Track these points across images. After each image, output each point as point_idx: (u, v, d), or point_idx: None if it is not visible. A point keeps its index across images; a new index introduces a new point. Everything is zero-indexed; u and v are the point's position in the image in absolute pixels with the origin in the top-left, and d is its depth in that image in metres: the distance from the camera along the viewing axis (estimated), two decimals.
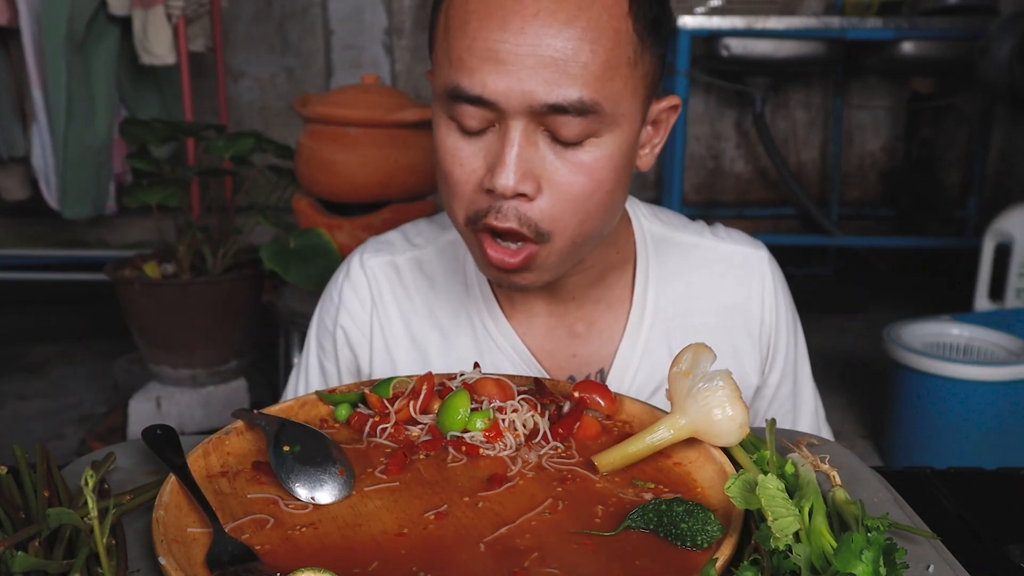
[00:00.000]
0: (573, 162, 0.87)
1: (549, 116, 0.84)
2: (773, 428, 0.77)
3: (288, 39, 4.46)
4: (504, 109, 0.85)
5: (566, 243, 0.91)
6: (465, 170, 0.89)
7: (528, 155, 0.86)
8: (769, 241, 1.20)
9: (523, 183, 0.86)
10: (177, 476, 0.74)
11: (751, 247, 1.13)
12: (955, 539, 0.73)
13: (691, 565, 0.65)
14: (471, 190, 0.90)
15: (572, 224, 0.90)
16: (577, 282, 1.05)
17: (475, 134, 0.88)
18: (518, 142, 0.85)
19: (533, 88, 0.83)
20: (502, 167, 0.85)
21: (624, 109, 0.88)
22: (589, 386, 0.90)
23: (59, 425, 3.11)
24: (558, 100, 0.83)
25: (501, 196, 0.87)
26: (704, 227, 1.15)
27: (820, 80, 4.64)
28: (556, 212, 0.88)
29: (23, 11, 3.18)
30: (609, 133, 0.87)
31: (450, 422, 0.85)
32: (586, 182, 0.88)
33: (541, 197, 0.88)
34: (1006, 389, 2.55)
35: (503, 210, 0.88)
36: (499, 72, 0.83)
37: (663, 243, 1.11)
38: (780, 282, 1.13)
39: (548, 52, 0.82)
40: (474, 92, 0.85)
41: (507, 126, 0.86)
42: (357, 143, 2.48)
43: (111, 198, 3.54)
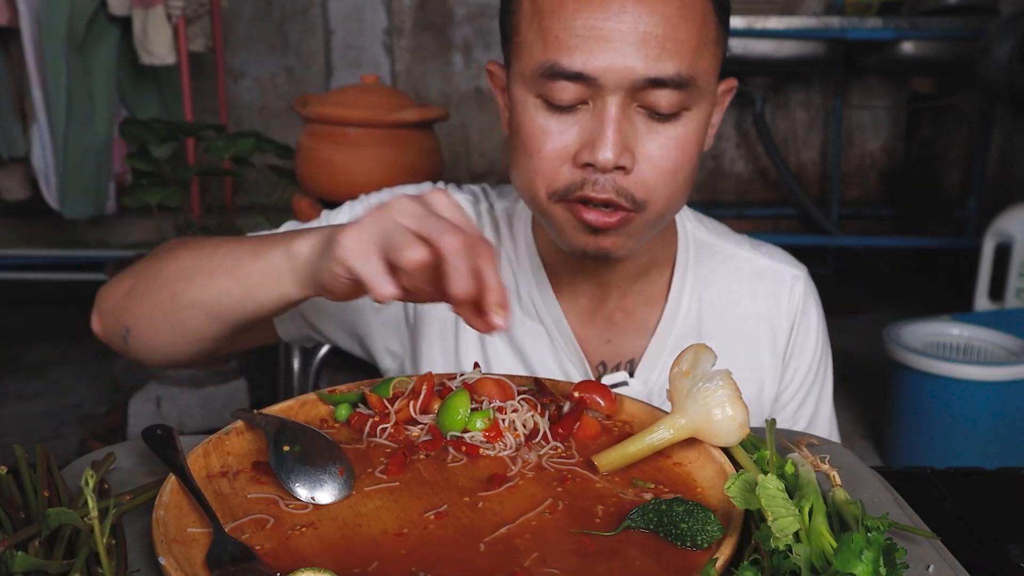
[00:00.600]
0: (667, 135, 0.91)
1: (646, 91, 0.89)
2: (773, 428, 0.77)
3: (288, 39, 4.46)
4: (603, 85, 0.88)
5: (655, 214, 0.95)
6: (556, 144, 0.92)
7: (625, 130, 0.90)
8: (769, 241, 1.21)
9: (622, 157, 0.90)
10: (177, 476, 0.74)
11: (787, 265, 1.16)
12: (955, 539, 0.73)
13: (691, 565, 0.65)
14: (560, 165, 0.92)
15: (664, 195, 0.93)
16: (624, 270, 1.07)
17: (566, 112, 0.92)
18: (616, 117, 0.89)
19: (635, 63, 0.87)
20: (603, 141, 0.89)
21: (710, 85, 0.93)
22: (589, 386, 0.90)
23: (59, 425, 3.11)
24: (659, 74, 0.88)
25: (601, 170, 0.90)
26: (746, 240, 1.17)
27: (820, 80, 4.64)
28: (651, 183, 0.92)
29: (23, 11, 3.18)
30: (696, 108, 0.92)
31: (450, 422, 0.85)
32: (678, 155, 0.92)
33: (637, 169, 0.91)
34: (1006, 389, 2.55)
35: (600, 182, 0.91)
36: (601, 49, 0.87)
37: (704, 248, 1.14)
38: (812, 304, 1.15)
39: (648, 28, 0.87)
40: (574, 68, 0.88)
41: (604, 102, 0.89)
42: (357, 143, 2.48)
43: (111, 198, 3.54)
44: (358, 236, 0.73)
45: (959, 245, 4.21)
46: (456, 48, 4.55)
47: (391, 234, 0.72)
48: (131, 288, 0.96)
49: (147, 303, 0.93)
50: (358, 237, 0.73)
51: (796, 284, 1.14)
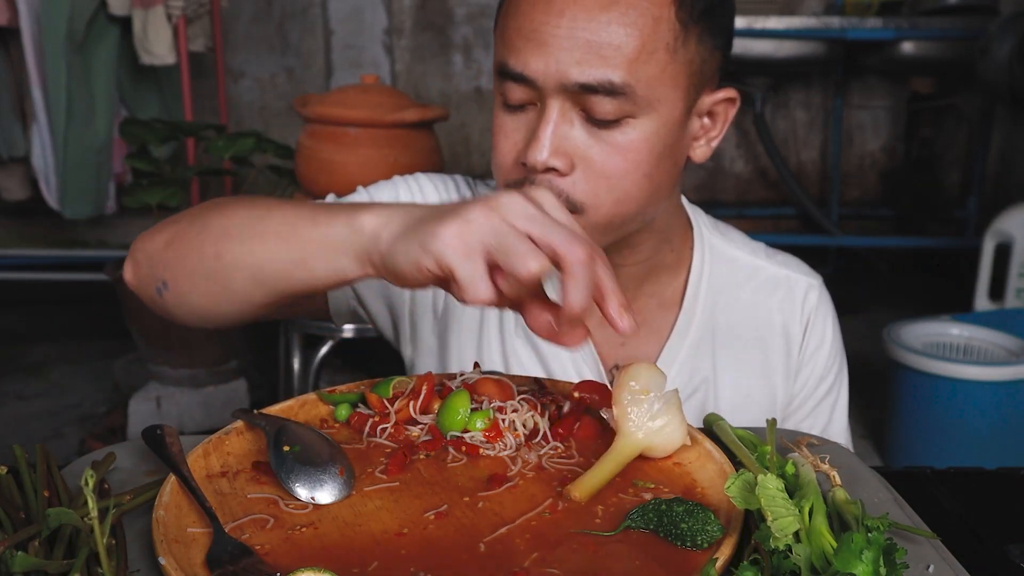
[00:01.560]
0: (607, 141, 0.90)
1: (583, 96, 0.88)
2: (773, 428, 0.77)
3: (288, 39, 4.46)
4: (542, 87, 0.89)
5: (602, 219, 0.93)
6: (508, 142, 0.94)
7: (563, 132, 0.90)
8: (769, 241, 1.21)
9: (555, 158, 0.89)
10: (177, 476, 0.74)
11: (801, 274, 1.16)
12: (955, 539, 0.73)
13: (691, 565, 0.65)
14: (511, 162, 0.94)
15: (607, 202, 0.92)
16: (630, 273, 1.07)
17: (518, 110, 0.93)
18: (553, 119, 0.89)
19: (567, 68, 0.87)
20: (536, 142, 0.90)
21: (660, 95, 0.90)
22: (589, 386, 0.90)
23: (59, 425, 3.11)
24: (588, 80, 0.87)
25: (533, 170, 0.91)
26: (761, 248, 1.17)
27: (820, 80, 4.64)
28: (589, 187, 0.91)
29: (23, 11, 3.18)
30: (645, 116, 0.90)
31: (450, 422, 0.85)
32: (620, 162, 0.91)
33: (575, 173, 0.91)
34: (1006, 389, 2.55)
35: (536, 181, 0.91)
36: (539, 52, 0.88)
37: (720, 256, 1.13)
38: (825, 313, 1.15)
39: (584, 34, 0.86)
40: (517, 70, 0.90)
41: (545, 104, 0.90)
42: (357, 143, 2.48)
43: (111, 198, 3.54)
44: (463, 232, 0.67)
45: (959, 245, 4.21)
46: (456, 48, 4.55)
47: (505, 237, 0.67)
48: (173, 238, 0.88)
49: (190, 258, 0.85)
50: (463, 233, 0.67)
51: (810, 293, 1.14)
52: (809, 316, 1.14)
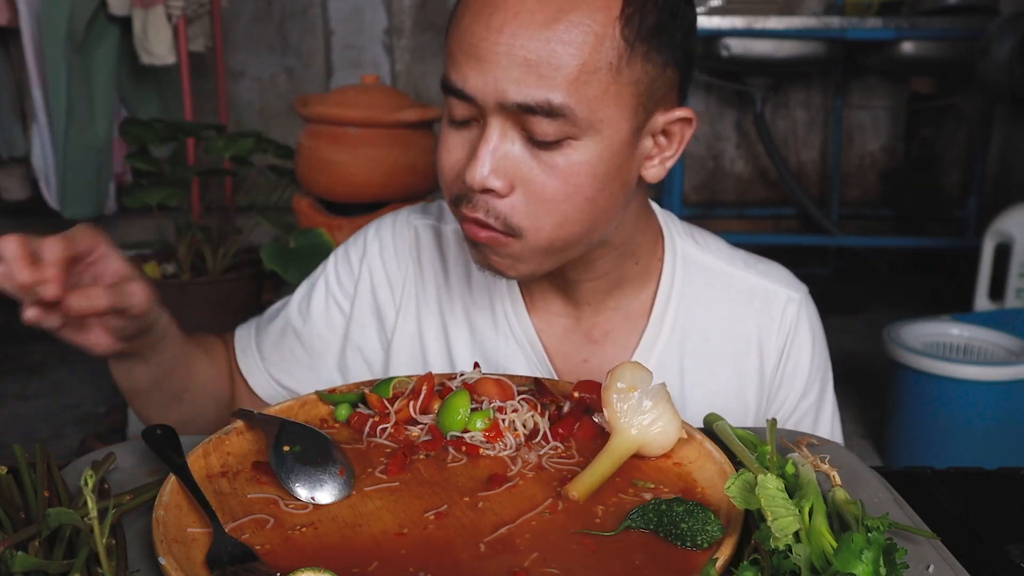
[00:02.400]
0: (547, 163, 0.87)
1: (523, 116, 0.85)
2: (773, 428, 0.77)
3: (288, 39, 4.46)
4: (481, 105, 0.86)
5: (542, 243, 0.90)
6: (451, 158, 0.91)
7: (503, 152, 0.87)
8: (769, 241, 1.20)
9: (493, 179, 0.87)
10: (177, 476, 0.74)
11: (781, 286, 1.10)
12: (955, 539, 0.73)
13: (691, 565, 0.65)
14: (452, 177, 0.91)
15: (547, 225, 0.89)
16: (591, 288, 1.04)
17: (462, 126, 0.90)
18: (494, 139, 0.87)
19: (505, 87, 0.84)
20: (475, 161, 0.87)
21: (603, 115, 0.86)
22: (589, 386, 0.90)
23: (59, 425, 3.11)
24: (526, 100, 0.84)
25: (471, 189, 0.88)
26: (740, 257, 1.12)
27: (820, 80, 4.64)
28: (528, 211, 0.88)
29: (23, 11, 3.18)
30: (588, 138, 0.86)
31: (450, 422, 0.85)
32: (559, 185, 0.87)
33: (514, 195, 0.88)
34: (1006, 389, 2.55)
35: (474, 200, 0.89)
36: (478, 68, 0.85)
37: (692, 265, 1.09)
38: (806, 329, 1.10)
39: (522, 52, 0.83)
40: (457, 86, 0.87)
41: (486, 122, 0.87)
42: (357, 143, 2.49)
43: (111, 198, 3.54)
44: None
45: (959, 245, 4.21)
46: None
47: None
48: None
49: None
50: None
51: (789, 306, 1.09)
52: (788, 332, 1.09)
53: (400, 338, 1.11)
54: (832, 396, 1.14)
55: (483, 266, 0.95)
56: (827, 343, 1.15)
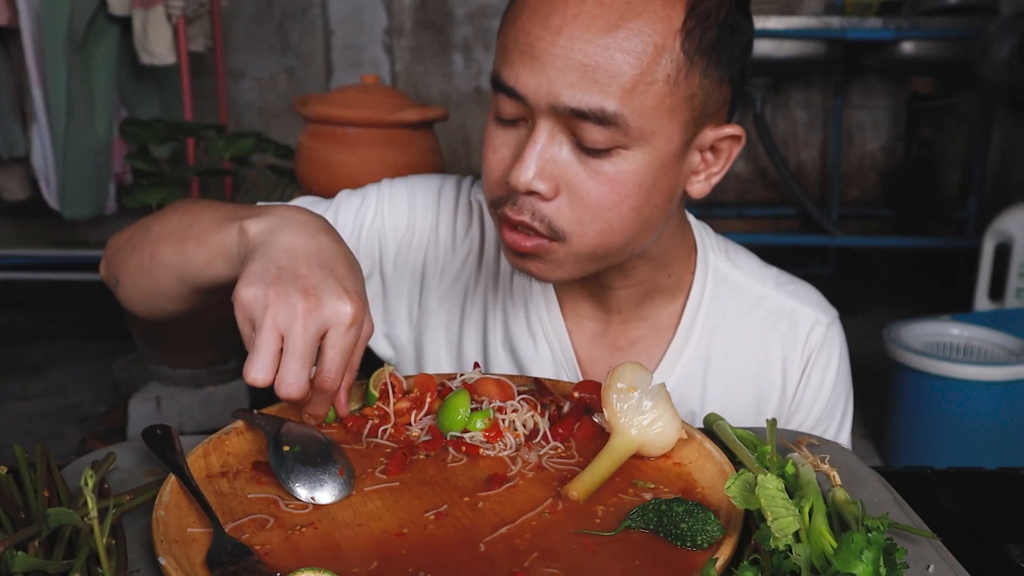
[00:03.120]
0: (595, 170, 0.86)
1: (573, 120, 0.84)
2: (773, 428, 0.77)
3: (288, 39, 4.46)
4: (533, 105, 0.85)
5: (585, 248, 0.89)
6: (496, 157, 0.90)
7: (550, 155, 0.86)
8: (769, 241, 1.19)
9: (538, 181, 0.85)
10: (177, 476, 0.74)
11: (809, 308, 1.09)
12: (955, 539, 0.73)
13: (691, 565, 0.65)
14: (496, 178, 0.90)
15: (591, 232, 0.88)
16: (623, 296, 1.04)
17: (510, 125, 0.89)
18: (542, 141, 0.85)
19: (559, 90, 0.82)
20: (520, 162, 0.85)
21: (656, 127, 0.85)
22: (589, 386, 0.90)
23: (59, 425, 3.11)
24: (579, 105, 0.82)
25: (515, 191, 0.87)
26: (772, 277, 1.10)
27: (820, 80, 4.64)
28: (573, 216, 0.87)
29: (23, 11, 3.18)
30: (638, 148, 0.85)
31: (450, 422, 0.85)
32: (606, 192, 0.86)
33: (559, 199, 0.87)
34: (1006, 389, 2.55)
35: (518, 203, 0.88)
36: (533, 68, 0.84)
37: (724, 281, 1.08)
38: (828, 355, 1.08)
39: (579, 56, 0.81)
40: (509, 84, 0.86)
41: (536, 123, 0.86)
42: (357, 143, 2.49)
43: (111, 198, 3.54)
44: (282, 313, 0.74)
45: (959, 245, 4.21)
46: (456, 48, 4.55)
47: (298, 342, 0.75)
48: (127, 240, 0.99)
49: (133, 258, 0.96)
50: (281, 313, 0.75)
51: (815, 330, 1.07)
52: (810, 355, 1.07)
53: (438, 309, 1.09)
54: (848, 429, 1.13)
55: (520, 269, 0.94)
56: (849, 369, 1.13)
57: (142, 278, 0.96)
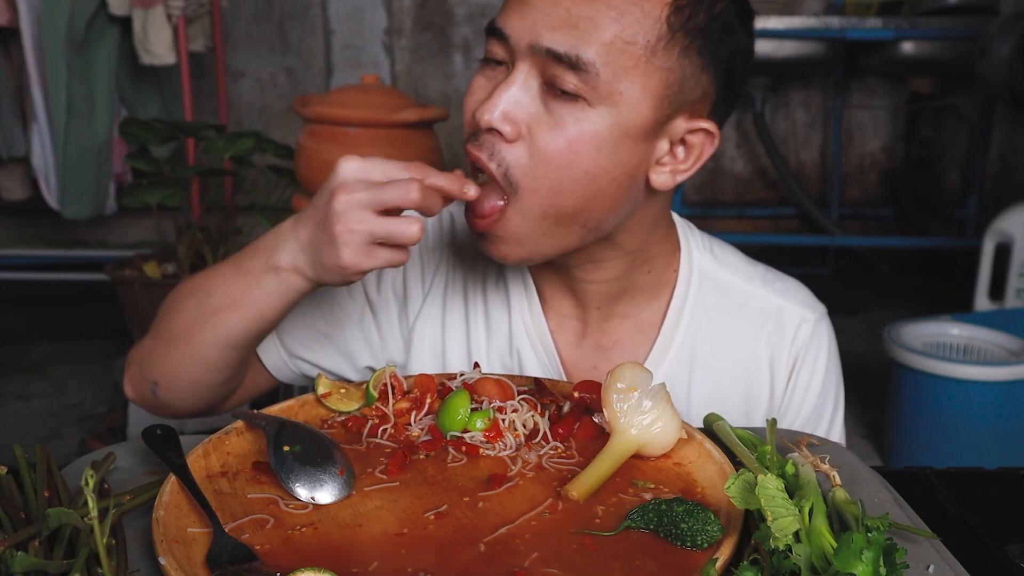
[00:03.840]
0: (557, 122, 0.87)
1: (549, 63, 0.86)
2: (773, 428, 0.77)
3: (288, 39, 4.47)
4: (514, 47, 0.88)
5: (535, 207, 0.90)
6: (472, 98, 0.93)
7: (518, 98, 0.88)
8: (769, 241, 1.19)
9: (503, 121, 0.88)
10: (177, 476, 0.74)
11: (796, 305, 1.08)
12: (955, 539, 0.73)
13: (691, 565, 0.65)
14: (470, 116, 0.93)
15: (542, 187, 0.89)
16: (598, 291, 1.03)
17: (492, 69, 0.92)
18: (516, 82, 0.88)
19: (540, 30, 0.86)
20: (490, 99, 0.89)
21: (624, 90, 0.86)
22: (589, 386, 0.90)
23: (59, 425, 3.11)
24: (556, 47, 0.85)
25: (479, 126, 0.90)
26: (758, 274, 1.10)
27: (820, 80, 4.64)
28: (527, 165, 0.89)
29: (23, 11, 3.18)
30: (603, 107, 0.87)
31: (450, 422, 0.85)
32: (563, 146, 0.87)
33: (518, 145, 0.89)
34: (1006, 389, 2.55)
35: (480, 139, 0.91)
36: (521, 11, 0.88)
37: (708, 280, 1.07)
38: (816, 352, 1.07)
39: (567, 3, 0.85)
40: (497, 25, 0.90)
41: (514, 66, 0.89)
42: (357, 143, 2.48)
43: (111, 198, 3.54)
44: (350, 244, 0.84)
45: (959, 245, 4.21)
46: (456, 48, 4.55)
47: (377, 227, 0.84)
48: (149, 349, 1.04)
49: (168, 357, 1.01)
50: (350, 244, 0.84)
51: (802, 327, 1.06)
52: (798, 353, 1.06)
53: (423, 326, 1.09)
54: (841, 426, 1.11)
55: (483, 250, 0.96)
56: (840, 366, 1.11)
57: (183, 368, 1.00)
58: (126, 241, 4.42)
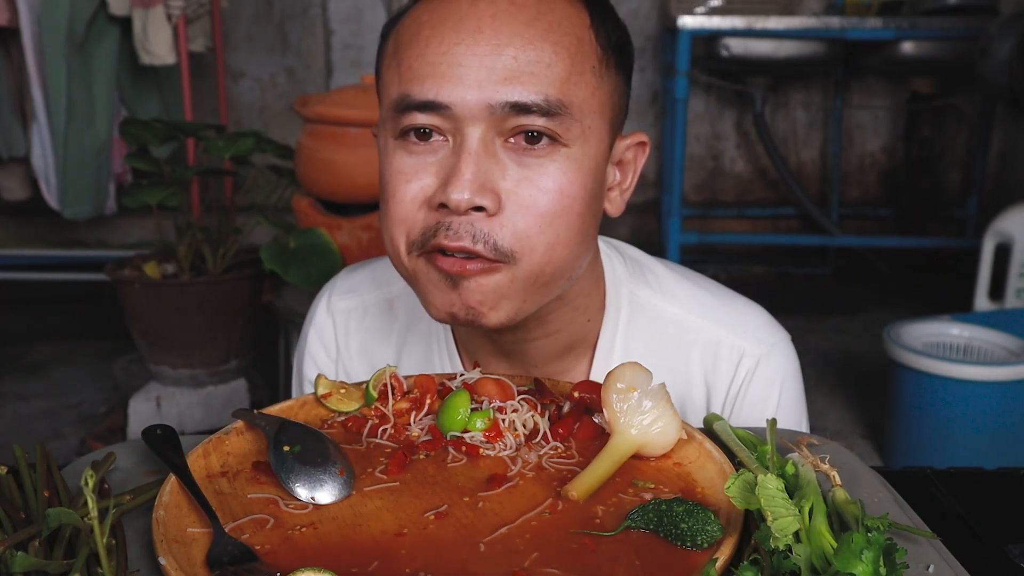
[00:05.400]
0: (540, 173, 0.81)
1: (510, 120, 0.80)
2: (773, 428, 0.77)
3: (288, 39, 4.47)
4: (459, 115, 0.80)
5: (533, 268, 0.83)
6: (412, 187, 0.82)
7: (487, 166, 0.80)
8: (769, 241, 1.17)
9: (481, 195, 0.79)
10: (177, 476, 0.74)
11: (739, 337, 0.99)
12: (955, 539, 0.73)
13: (691, 565, 0.65)
14: (416, 208, 0.83)
15: (540, 246, 0.82)
16: (541, 348, 0.96)
17: (423, 151, 0.82)
18: (475, 150, 0.80)
19: (494, 87, 0.79)
20: (456, 177, 0.79)
21: (592, 122, 0.83)
22: (589, 386, 0.90)
23: (59, 425, 3.11)
24: (520, 99, 0.79)
25: (455, 211, 0.79)
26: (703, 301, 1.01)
27: (820, 80, 4.64)
28: (521, 229, 0.81)
29: (23, 11, 3.19)
30: (578, 147, 0.82)
31: (450, 422, 0.85)
32: (555, 198, 0.81)
33: (503, 213, 0.81)
34: (1006, 389, 2.55)
35: (455, 227, 0.80)
36: (454, 76, 0.79)
37: (640, 311, 0.99)
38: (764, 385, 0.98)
39: (509, 51, 0.79)
40: (426, 97, 0.80)
41: (463, 135, 0.80)
42: (357, 143, 2.48)
43: (111, 198, 3.55)
44: None
45: (959, 245, 4.21)
46: None
47: None
48: None
49: None
50: None
51: (744, 362, 0.97)
52: (739, 390, 0.98)
53: None
54: None
55: (456, 312, 0.84)
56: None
57: None
58: (126, 241, 4.42)
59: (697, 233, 4.33)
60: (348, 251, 2.54)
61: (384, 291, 1.09)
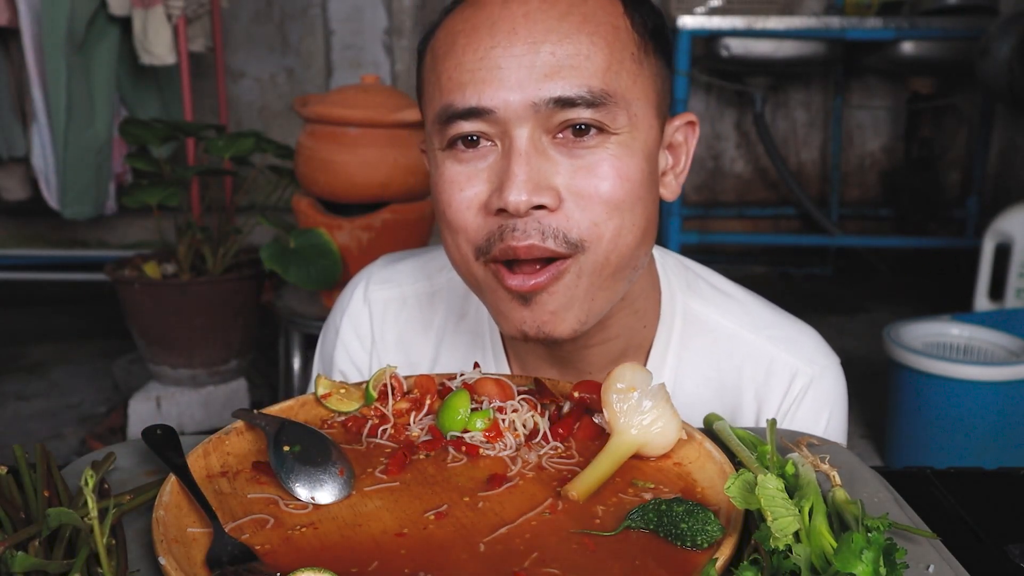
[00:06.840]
0: (594, 161, 0.81)
1: (557, 114, 0.80)
2: (773, 428, 0.77)
3: (288, 39, 4.47)
4: (504, 118, 0.80)
5: (599, 258, 0.82)
6: (466, 195, 0.82)
7: (539, 165, 0.80)
8: (769, 241, 1.17)
9: (538, 194, 0.79)
10: (177, 476, 0.74)
11: (792, 356, 0.97)
12: (955, 539, 0.73)
13: (691, 565, 0.65)
14: (474, 215, 0.83)
15: (608, 232, 0.81)
16: (598, 356, 0.95)
17: (472, 158, 0.83)
18: (525, 150, 0.79)
19: (538, 85, 0.79)
20: (510, 179, 0.78)
21: (637, 109, 0.83)
22: (589, 386, 0.90)
23: (59, 425, 3.11)
24: (565, 93, 0.79)
25: (515, 214, 0.79)
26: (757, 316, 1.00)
27: (820, 80, 4.64)
28: (587, 218, 0.81)
29: (23, 11, 3.19)
30: (627, 134, 0.82)
31: (450, 422, 0.85)
32: (615, 183, 0.80)
33: (565, 207, 0.80)
34: (1006, 389, 2.55)
35: (519, 226, 0.80)
36: (495, 79, 0.79)
37: (694, 323, 0.98)
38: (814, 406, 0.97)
39: (547, 48, 0.79)
40: (468, 104, 0.80)
41: (511, 137, 0.80)
42: (357, 143, 2.49)
43: (111, 198, 3.55)
44: None
45: (959, 245, 4.21)
46: None
47: None
48: None
49: None
50: None
51: (796, 381, 0.96)
52: (788, 409, 0.97)
53: None
54: None
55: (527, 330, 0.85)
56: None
57: None
58: (126, 241, 4.42)
59: (697, 233, 4.33)
60: (348, 251, 2.54)
61: (424, 284, 1.08)
